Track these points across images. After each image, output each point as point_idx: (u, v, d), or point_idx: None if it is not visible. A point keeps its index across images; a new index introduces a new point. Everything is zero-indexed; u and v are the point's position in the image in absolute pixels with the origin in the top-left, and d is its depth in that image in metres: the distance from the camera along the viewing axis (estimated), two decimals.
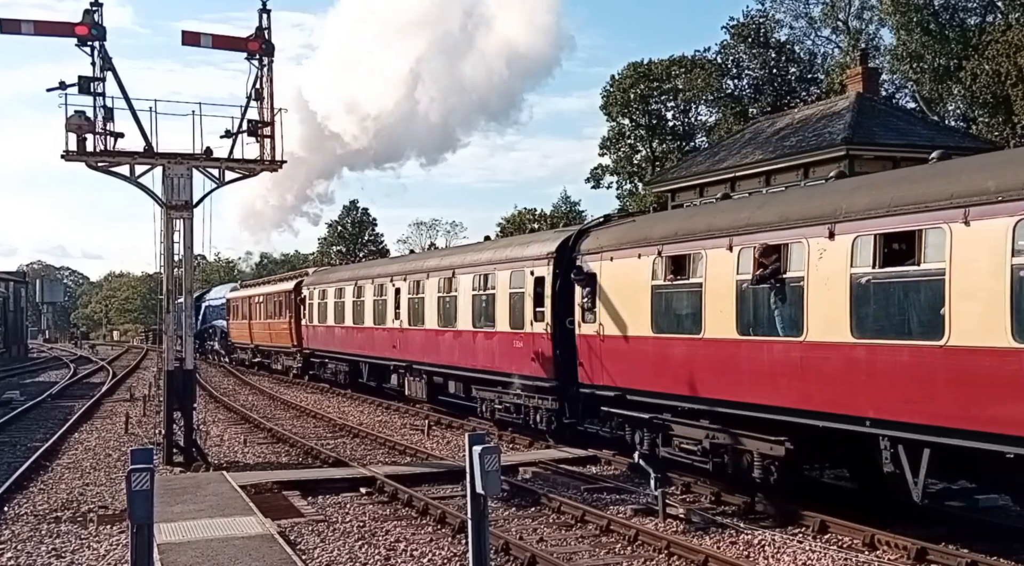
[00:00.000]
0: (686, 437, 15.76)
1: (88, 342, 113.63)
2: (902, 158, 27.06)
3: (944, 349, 10.83)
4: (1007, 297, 10.07)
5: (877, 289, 11.91)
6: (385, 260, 42.85)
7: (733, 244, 14.36)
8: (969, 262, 10.58)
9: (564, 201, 79.37)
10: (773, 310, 13.66)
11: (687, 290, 15.56)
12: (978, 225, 10.49)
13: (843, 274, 12.25)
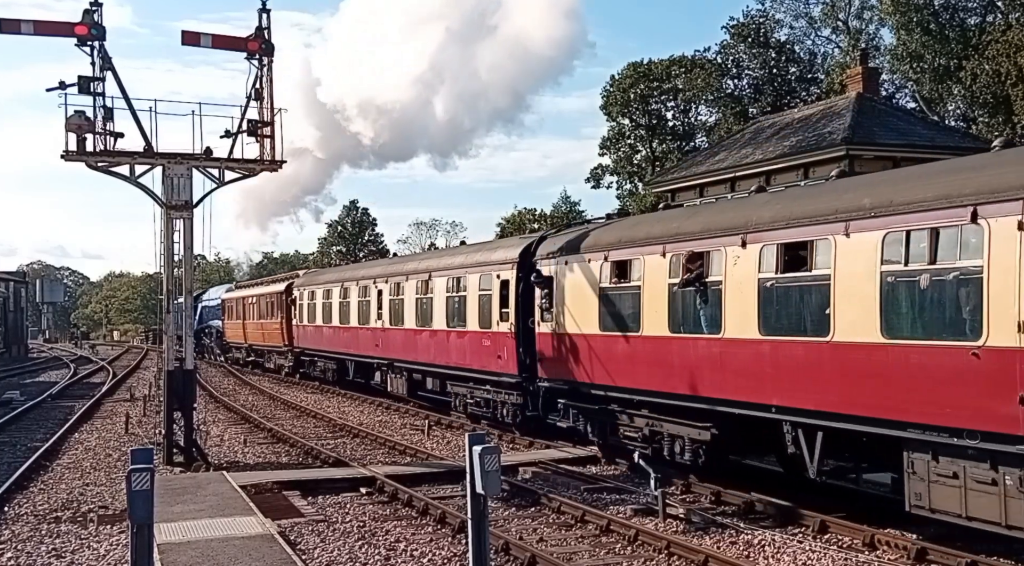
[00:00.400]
0: (629, 425, 17.51)
1: (88, 342, 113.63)
2: (902, 158, 27.06)
3: (830, 344, 12.57)
4: (877, 300, 11.79)
5: (779, 292, 13.62)
6: (369, 263, 44.55)
7: (666, 251, 16.02)
8: (849, 269, 12.25)
9: (564, 201, 79.40)
10: (698, 310, 15.29)
11: (628, 292, 17.14)
12: (856, 237, 12.17)
13: (752, 279, 13.96)
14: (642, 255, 16.70)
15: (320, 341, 38.11)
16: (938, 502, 11.25)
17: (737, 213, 15.12)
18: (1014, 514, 10.28)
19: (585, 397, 18.88)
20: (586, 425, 19.13)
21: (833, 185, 14.26)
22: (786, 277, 13.47)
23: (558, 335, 19.56)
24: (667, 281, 15.92)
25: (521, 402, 21.86)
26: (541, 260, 20.55)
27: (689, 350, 15.47)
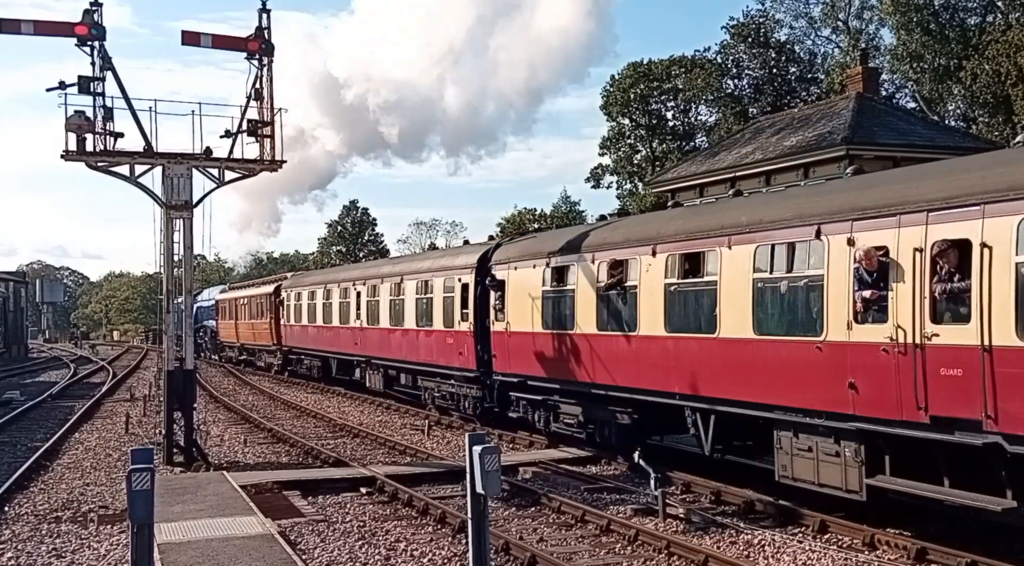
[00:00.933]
0: (568, 413, 19.72)
1: (88, 342, 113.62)
2: (902, 158, 27.07)
3: (718, 340, 14.73)
4: (750, 302, 13.98)
5: (680, 295, 15.84)
6: (349, 266, 47.34)
7: (596, 258, 18.12)
8: (731, 276, 14.42)
9: (564, 201, 79.40)
10: (619, 311, 17.43)
11: (565, 294, 19.20)
12: (736, 249, 14.39)
13: (660, 284, 16.13)
14: (576, 262, 18.87)
15: (306, 340, 39.95)
16: (798, 472, 13.35)
17: (650, 226, 17.38)
18: (851, 480, 12.43)
19: (533, 389, 20.91)
20: (534, 415, 21.16)
21: (722, 204, 17.05)
22: (685, 282, 15.74)
23: (509, 333, 21.54)
24: (595, 285, 18.03)
25: (480, 395, 23.89)
26: (496, 265, 22.57)
27: (612, 346, 17.59)
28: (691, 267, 15.58)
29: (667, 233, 16.26)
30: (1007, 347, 10.26)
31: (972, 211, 10.71)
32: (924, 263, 11.23)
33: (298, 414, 30.45)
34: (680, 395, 15.81)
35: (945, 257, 10.98)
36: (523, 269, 21.01)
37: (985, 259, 10.48)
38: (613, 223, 20.13)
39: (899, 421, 11.54)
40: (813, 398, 12.91)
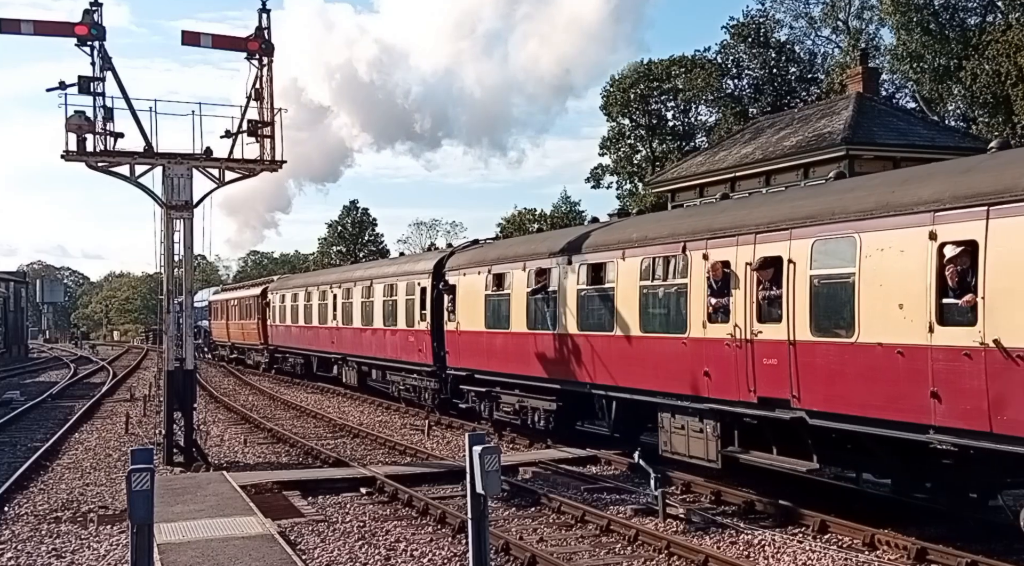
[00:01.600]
0: (507, 402, 22.42)
1: (88, 342, 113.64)
2: (902, 158, 27.06)
3: (615, 337, 17.59)
4: (638, 305, 16.92)
5: (588, 299, 18.63)
6: (327, 270, 50.78)
7: (527, 266, 20.89)
8: (625, 283, 17.27)
9: (564, 201, 79.36)
10: (545, 312, 20.03)
11: (503, 297, 21.88)
12: (628, 261, 17.22)
13: (574, 289, 19.00)
14: (511, 269, 21.62)
15: (290, 339, 43.00)
16: (675, 447, 16.11)
17: (567, 240, 20.21)
18: (711, 452, 15.23)
19: (479, 382, 23.58)
20: (480, 404, 23.84)
21: (619, 223, 19.66)
22: (592, 288, 18.51)
23: (460, 332, 24.23)
24: (526, 289, 20.71)
25: (438, 387, 26.62)
26: (449, 271, 25.25)
27: (541, 343, 20.30)
28: (596, 275, 18.44)
29: (579, 246, 19.24)
30: (805, 341, 13.11)
31: (783, 234, 13.62)
32: (752, 275, 14.10)
33: (298, 414, 30.46)
34: (590, 384, 18.67)
35: (766, 270, 13.83)
36: (470, 275, 23.77)
37: (791, 272, 13.35)
38: (542, 235, 23.86)
39: (739, 402, 14.38)
40: (682, 385, 15.63)
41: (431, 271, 26.36)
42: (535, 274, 20.42)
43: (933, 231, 11.24)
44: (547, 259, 20.19)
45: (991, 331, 10.42)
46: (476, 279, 23.29)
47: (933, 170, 12.80)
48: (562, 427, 20.62)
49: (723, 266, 14.76)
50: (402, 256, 38.87)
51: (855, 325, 12.26)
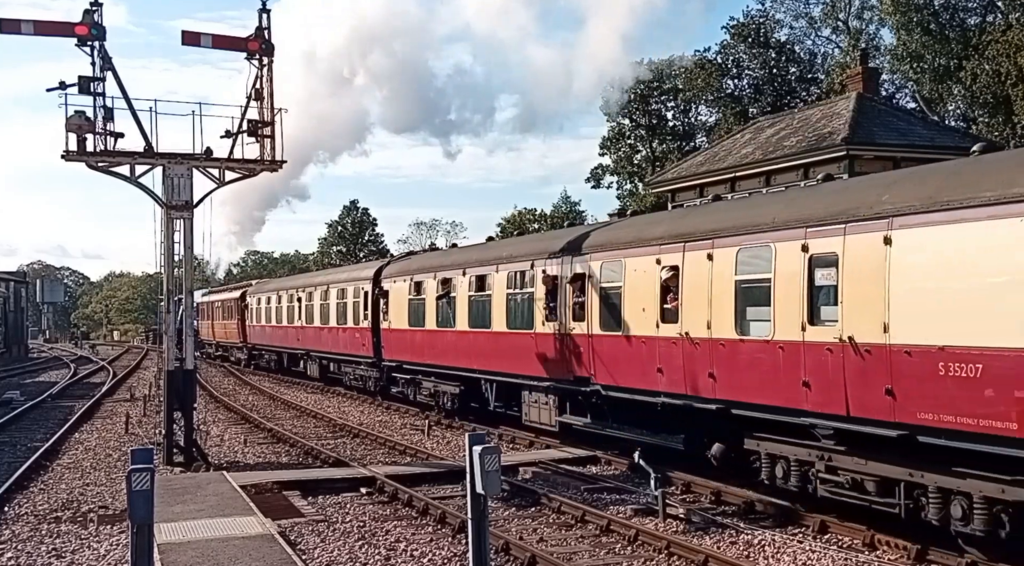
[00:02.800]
0: (425, 388, 27.48)
1: (88, 342, 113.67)
2: (902, 158, 27.04)
3: (494, 333, 22.61)
4: (505, 308, 22.01)
5: (476, 303, 23.51)
6: (295, 276, 57.76)
7: (436, 275, 25.94)
8: (497, 291, 22.43)
9: (564, 201, 79.39)
10: (448, 313, 24.92)
11: (421, 300, 26.93)
12: (500, 274, 22.47)
13: (466, 295, 24.01)
14: (426, 278, 26.61)
15: (264, 337, 48.29)
16: (531, 417, 21.31)
17: (461, 256, 26.28)
18: (552, 419, 20.43)
19: (406, 371, 28.79)
20: (406, 390, 29.24)
21: (496, 243, 27.27)
22: (478, 294, 23.46)
23: (391, 330, 29.42)
24: (435, 294, 25.64)
25: (378, 376, 31.75)
26: (384, 279, 30.30)
27: (447, 338, 25.25)
28: (481, 284, 23.37)
29: (470, 260, 24.61)
30: (597, 335, 18.27)
31: (586, 256, 18.81)
32: (566, 285, 19.27)
33: (298, 414, 30.46)
34: (479, 371, 23.59)
35: (575, 283, 18.94)
36: (399, 282, 28.84)
37: (590, 285, 18.48)
38: (449, 251, 30.46)
39: (564, 379, 19.57)
40: (534, 369, 20.62)
41: (372, 278, 31.25)
42: (441, 283, 25.49)
43: (658, 258, 16.45)
44: (450, 270, 25.21)
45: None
46: (403, 286, 28.38)
47: (659, 218, 20.60)
48: (464, 407, 25.58)
49: (552, 279, 19.78)
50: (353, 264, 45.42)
51: (622, 323, 17.41)
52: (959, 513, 11.30)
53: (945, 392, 11.09)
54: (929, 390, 11.30)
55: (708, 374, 15.18)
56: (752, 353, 14.32)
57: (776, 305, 13.67)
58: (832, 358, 12.65)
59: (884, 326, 11.82)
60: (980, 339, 10.70)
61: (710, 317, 15.07)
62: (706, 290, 15.07)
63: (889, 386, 11.82)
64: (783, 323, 13.54)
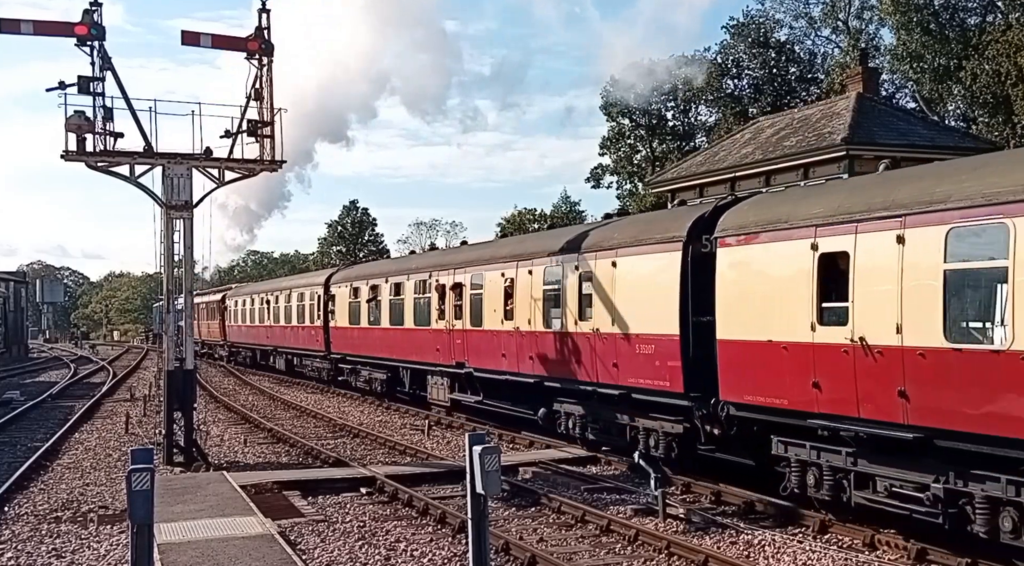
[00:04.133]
0: (362, 376, 33.53)
1: (88, 342, 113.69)
2: (902, 158, 27.01)
3: (406, 330, 28.14)
4: (413, 308, 27.58)
5: (394, 305, 29.37)
6: (267, 281, 63.58)
7: (368, 282, 31.94)
8: (408, 294, 28.10)
9: (564, 201, 79.34)
10: (376, 313, 30.93)
11: (357, 303, 33.01)
12: (411, 281, 28.17)
13: (387, 298, 29.88)
14: (361, 284, 32.89)
15: (241, 336, 54.49)
16: (432, 395, 26.94)
17: (385, 266, 33.72)
18: (445, 396, 26.09)
19: (349, 362, 34.78)
20: (349, 378, 35.07)
21: (408, 257, 35.13)
22: (395, 298, 29.30)
23: (336, 327, 35.59)
24: (366, 298, 31.69)
25: (329, 367, 37.52)
26: (332, 284, 36.45)
27: (377, 334, 31.02)
28: (397, 290, 29.11)
29: (391, 269, 31.20)
30: (469, 329, 23.93)
31: (465, 268, 24.52)
32: (449, 291, 24.88)
33: (298, 414, 30.47)
34: (398, 361, 29.62)
35: (455, 289, 24.58)
36: (343, 287, 34.93)
37: (465, 290, 24.11)
38: (380, 262, 39.17)
39: (451, 364, 25.07)
40: (433, 357, 26.34)
41: (323, 283, 37.32)
42: (371, 288, 31.59)
43: (503, 272, 22.38)
44: (377, 278, 31.45)
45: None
46: (345, 290, 34.55)
47: (503, 242, 28.36)
48: (391, 391, 31.52)
49: (442, 287, 25.31)
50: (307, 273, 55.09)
51: (482, 319, 23.16)
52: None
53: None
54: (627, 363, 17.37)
55: (529, 357, 20.79)
56: (553, 339, 19.97)
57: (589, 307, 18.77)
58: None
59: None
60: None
61: (531, 315, 20.79)
62: (526, 295, 21.10)
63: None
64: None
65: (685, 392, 15.85)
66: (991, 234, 10.49)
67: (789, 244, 13.37)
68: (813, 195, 14.66)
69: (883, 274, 11.70)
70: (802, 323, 12.94)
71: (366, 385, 33.20)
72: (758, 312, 13.93)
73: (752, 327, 13.97)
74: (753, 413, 14.15)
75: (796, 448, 13.31)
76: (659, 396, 16.52)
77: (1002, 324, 10.35)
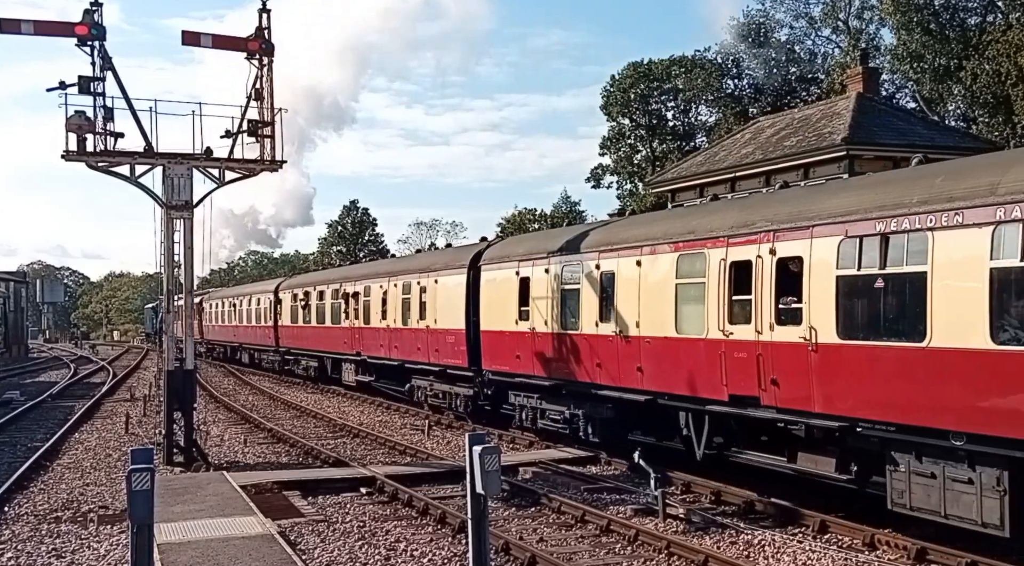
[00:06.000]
0: (302, 365, 41.72)
1: (88, 342, 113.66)
2: (902, 158, 27.00)
3: (328, 328, 36.98)
4: (329, 311, 37.01)
5: (319, 308, 38.27)
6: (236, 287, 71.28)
7: (302, 289, 40.75)
8: (328, 299, 37.13)
9: (564, 201, 79.25)
10: (310, 315, 39.40)
11: (301, 305, 40.06)
12: (328, 290, 37.52)
13: (316, 302, 38.66)
14: (299, 290, 41.14)
15: (216, 334, 62.81)
16: (345, 379, 35.23)
17: (317, 278, 41.48)
18: (353, 378, 34.64)
19: (295, 353, 43.05)
20: (294, 367, 43.25)
21: (328, 271, 44.58)
22: (319, 302, 37.67)
23: (284, 326, 44.02)
24: (301, 303, 39.51)
25: (279, 359, 46.15)
26: (280, 291, 44.98)
27: (308, 331, 39.71)
28: (321, 296, 37.31)
29: (334, 278, 37.39)
30: (395, 327, 29.46)
31: (361, 281, 33.50)
32: (350, 298, 33.12)
33: (298, 414, 30.47)
34: (324, 352, 37.77)
35: (356, 297, 32.86)
36: (288, 292, 43.63)
37: (362, 298, 32.69)
38: (314, 273, 48.19)
39: (353, 354, 33.53)
40: (344, 348, 34.12)
41: (274, 290, 46.37)
42: (304, 294, 39.96)
43: (382, 284, 31.08)
44: (309, 287, 40.21)
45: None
46: (289, 296, 42.94)
47: (381, 263, 38.58)
48: (323, 377, 39.02)
49: (346, 295, 33.57)
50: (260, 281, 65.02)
51: (370, 319, 31.33)
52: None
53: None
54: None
55: (395, 346, 29.59)
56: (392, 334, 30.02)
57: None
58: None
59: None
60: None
61: (395, 315, 29.64)
62: (395, 301, 29.88)
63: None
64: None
65: (468, 366, 24.31)
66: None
67: (507, 270, 22.32)
68: (521, 242, 24.45)
69: (540, 288, 20.80)
70: (511, 318, 21.86)
71: (304, 372, 41.72)
72: (497, 312, 22.68)
73: (495, 322, 22.74)
74: (498, 377, 22.85)
75: (517, 397, 22.08)
76: (458, 370, 25.23)
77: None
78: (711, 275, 14.95)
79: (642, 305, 16.84)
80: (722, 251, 14.80)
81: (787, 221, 13.74)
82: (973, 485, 10.98)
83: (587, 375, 18.68)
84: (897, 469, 11.91)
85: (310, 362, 40.71)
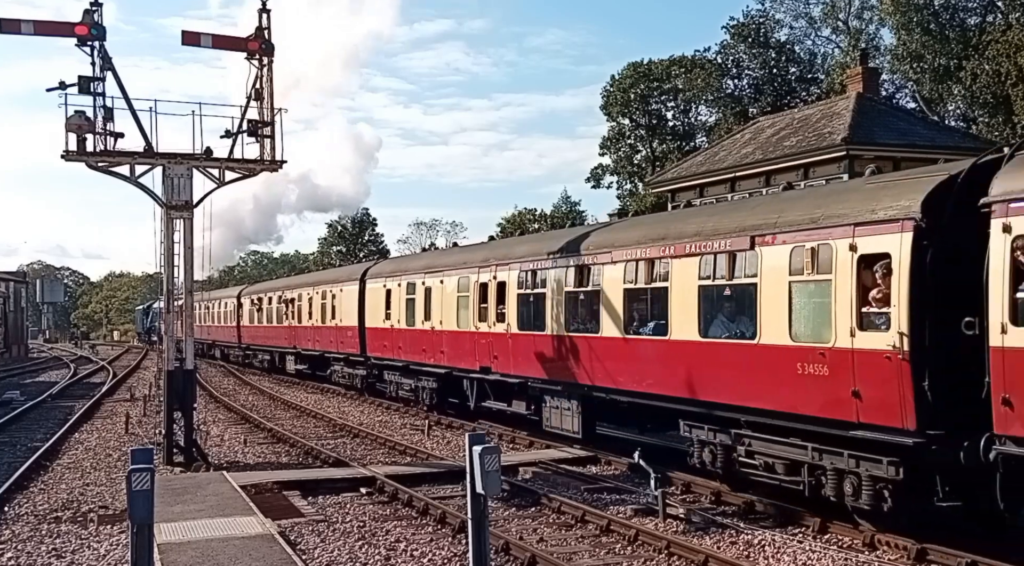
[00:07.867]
0: (259, 358, 49.85)
1: (88, 342, 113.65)
2: (902, 158, 27.04)
3: (275, 327, 45.59)
4: (275, 313, 45.62)
5: (268, 310, 46.69)
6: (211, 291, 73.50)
7: (258, 294, 49.64)
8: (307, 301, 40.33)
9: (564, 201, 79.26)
10: (262, 315, 47.53)
11: (265, 309, 47.09)
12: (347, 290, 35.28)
13: (266, 306, 47.15)
14: (260, 295, 48.70)
15: (206, 333, 65.08)
16: (288, 369, 44.18)
17: (269, 286, 52.20)
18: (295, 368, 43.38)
19: (252, 349, 50.92)
20: (253, 361, 50.57)
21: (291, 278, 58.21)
22: (269, 306, 46.23)
23: (245, 326, 51.41)
24: (256, 306, 47.89)
25: (242, 355, 53.69)
26: (243, 296, 52.17)
27: (262, 330, 48.49)
28: (270, 300, 45.17)
29: (307, 282, 41.46)
30: (372, 327, 31.54)
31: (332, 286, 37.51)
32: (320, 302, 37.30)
33: (298, 414, 30.47)
34: (273, 347, 46.07)
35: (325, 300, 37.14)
36: (249, 298, 50.54)
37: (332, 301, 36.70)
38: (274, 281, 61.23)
39: (292, 348, 42.29)
40: (286, 343, 43.32)
41: (238, 295, 54.26)
42: (258, 299, 46.91)
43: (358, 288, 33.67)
44: (262, 293, 47.62)
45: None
46: (249, 300, 50.44)
47: (309, 276, 48.71)
48: (273, 369, 46.46)
49: (287, 299, 41.09)
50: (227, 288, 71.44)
51: (301, 318, 39.86)
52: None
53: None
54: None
55: (316, 340, 37.46)
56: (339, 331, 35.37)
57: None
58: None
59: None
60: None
61: (318, 315, 37.38)
62: (317, 305, 37.57)
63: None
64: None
65: (360, 353, 32.75)
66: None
67: (378, 284, 31.02)
68: (388, 263, 33.41)
69: (397, 296, 29.21)
70: (381, 318, 30.15)
71: (260, 364, 49.69)
72: (374, 313, 31.00)
73: (374, 320, 31.09)
74: (381, 361, 30.92)
75: (390, 375, 30.70)
76: (355, 357, 33.76)
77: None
78: (472, 289, 23.94)
79: (444, 307, 25.59)
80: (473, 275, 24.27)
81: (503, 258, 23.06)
82: (569, 410, 19.81)
83: (421, 357, 27.35)
84: (546, 405, 20.68)
85: (264, 356, 49.21)
